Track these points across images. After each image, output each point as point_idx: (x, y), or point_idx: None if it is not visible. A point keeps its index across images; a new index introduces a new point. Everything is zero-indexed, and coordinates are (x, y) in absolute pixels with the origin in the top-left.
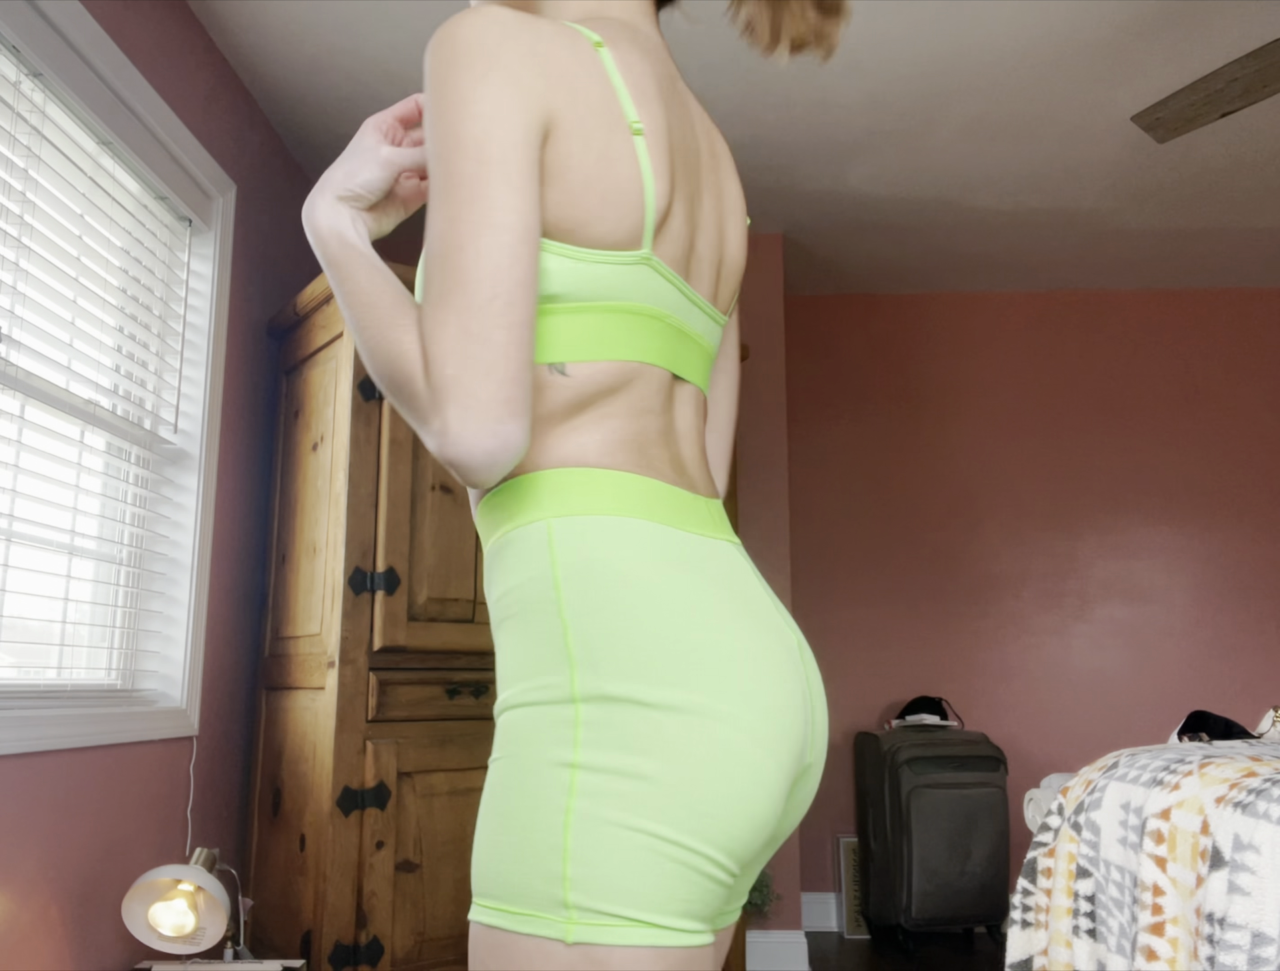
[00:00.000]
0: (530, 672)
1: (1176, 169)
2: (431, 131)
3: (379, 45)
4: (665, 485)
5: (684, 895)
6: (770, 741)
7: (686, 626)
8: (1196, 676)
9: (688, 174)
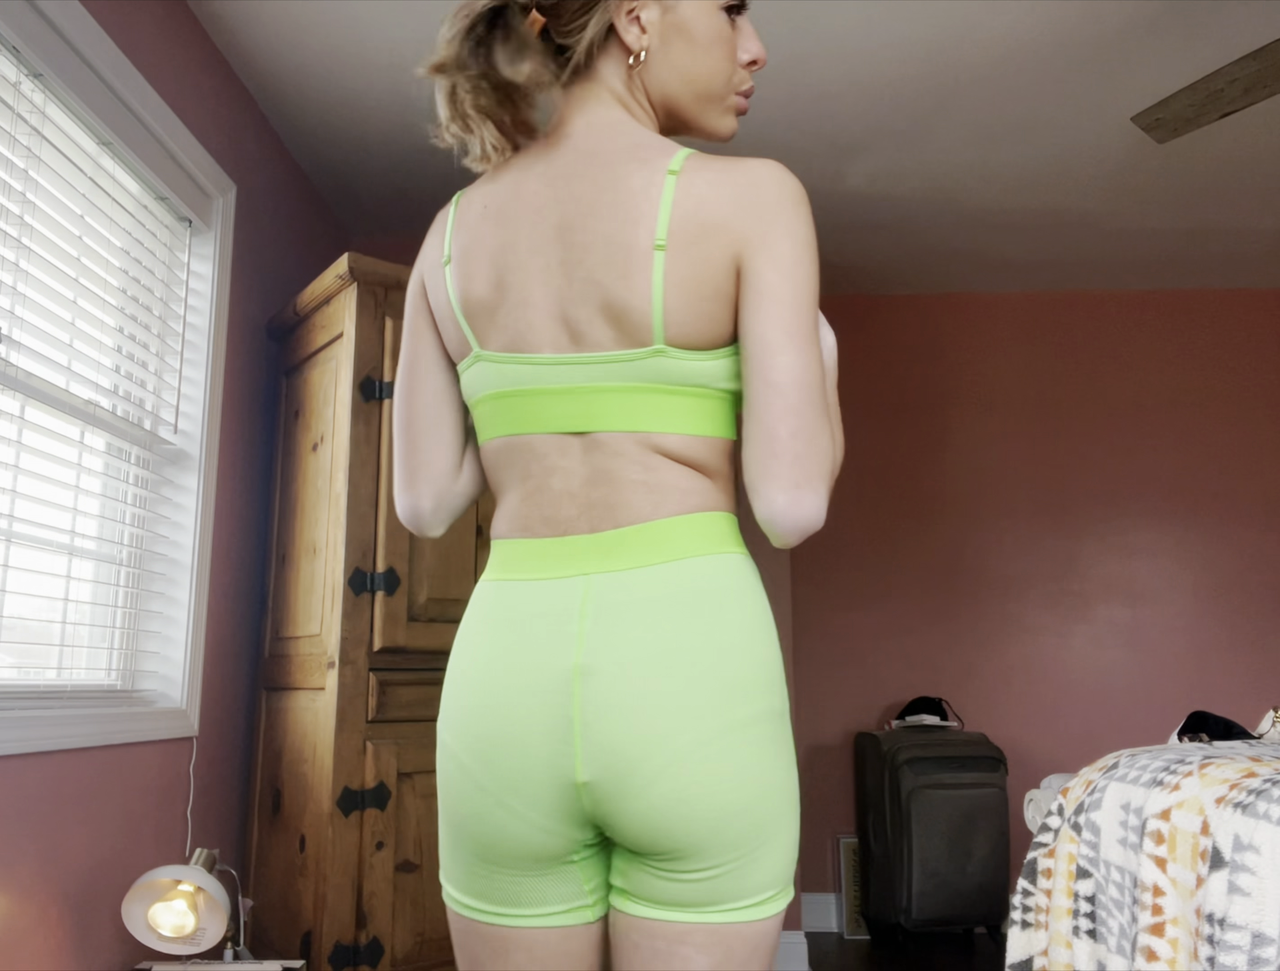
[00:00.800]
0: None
1: (1176, 169)
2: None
3: (379, 45)
4: (525, 541)
5: (461, 879)
6: (475, 767)
7: (450, 672)
8: (1196, 676)
9: (518, 261)
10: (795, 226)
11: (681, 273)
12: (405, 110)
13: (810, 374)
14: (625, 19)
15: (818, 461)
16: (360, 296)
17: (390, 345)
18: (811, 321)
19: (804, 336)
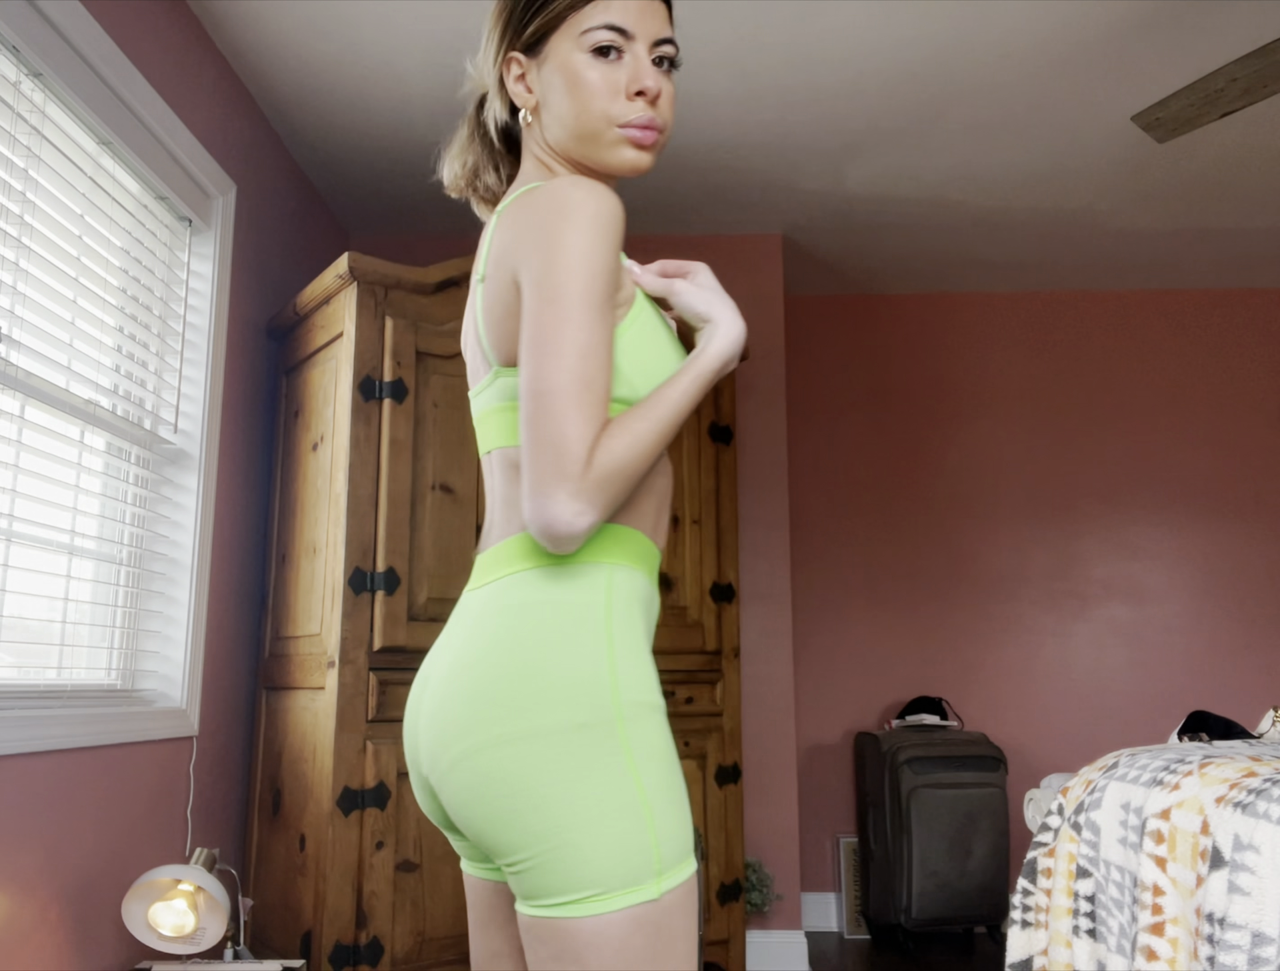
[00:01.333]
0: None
1: (1176, 169)
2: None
3: (380, 45)
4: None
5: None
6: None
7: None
8: (1196, 676)
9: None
10: (553, 237)
11: (490, 300)
12: (405, 110)
13: (547, 383)
14: (514, 83)
15: (551, 468)
16: (360, 296)
17: (390, 345)
18: (557, 329)
19: (544, 346)
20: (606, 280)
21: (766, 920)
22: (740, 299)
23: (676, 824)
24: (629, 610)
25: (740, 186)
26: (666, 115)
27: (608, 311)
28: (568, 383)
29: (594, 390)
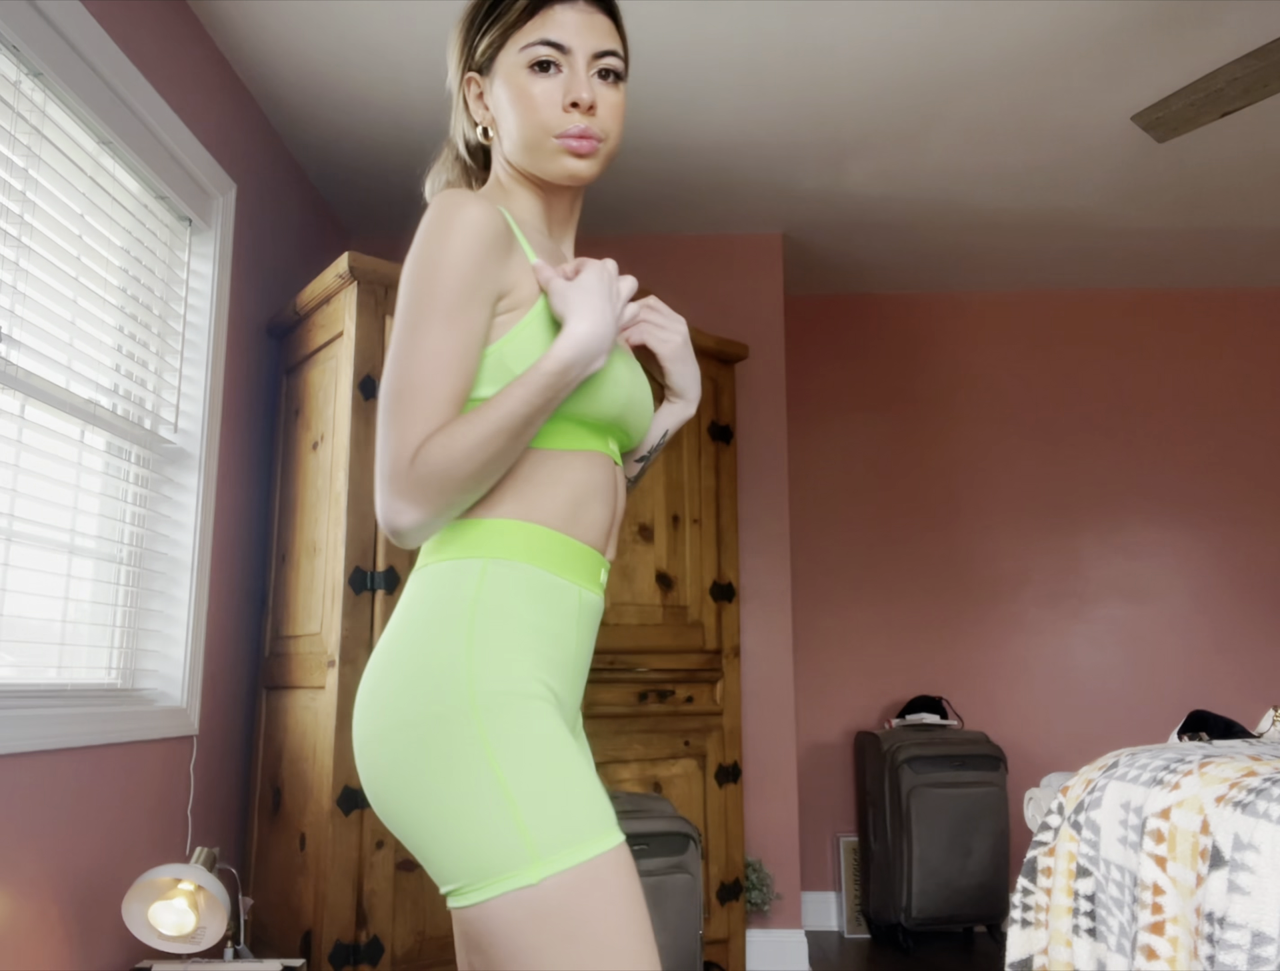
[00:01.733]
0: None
1: (1176, 169)
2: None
3: (380, 45)
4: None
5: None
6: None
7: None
8: (1196, 676)
9: None
10: (413, 250)
11: None
12: (405, 110)
13: (386, 388)
14: (474, 102)
15: (381, 469)
16: (360, 296)
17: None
18: (400, 336)
19: (390, 353)
20: (459, 287)
21: (766, 919)
22: (740, 299)
23: (556, 808)
24: (504, 602)
25: (740, 186)
26: (607, 125)
27: (462, 316)
28: (401, 388)
29: (429, 392)
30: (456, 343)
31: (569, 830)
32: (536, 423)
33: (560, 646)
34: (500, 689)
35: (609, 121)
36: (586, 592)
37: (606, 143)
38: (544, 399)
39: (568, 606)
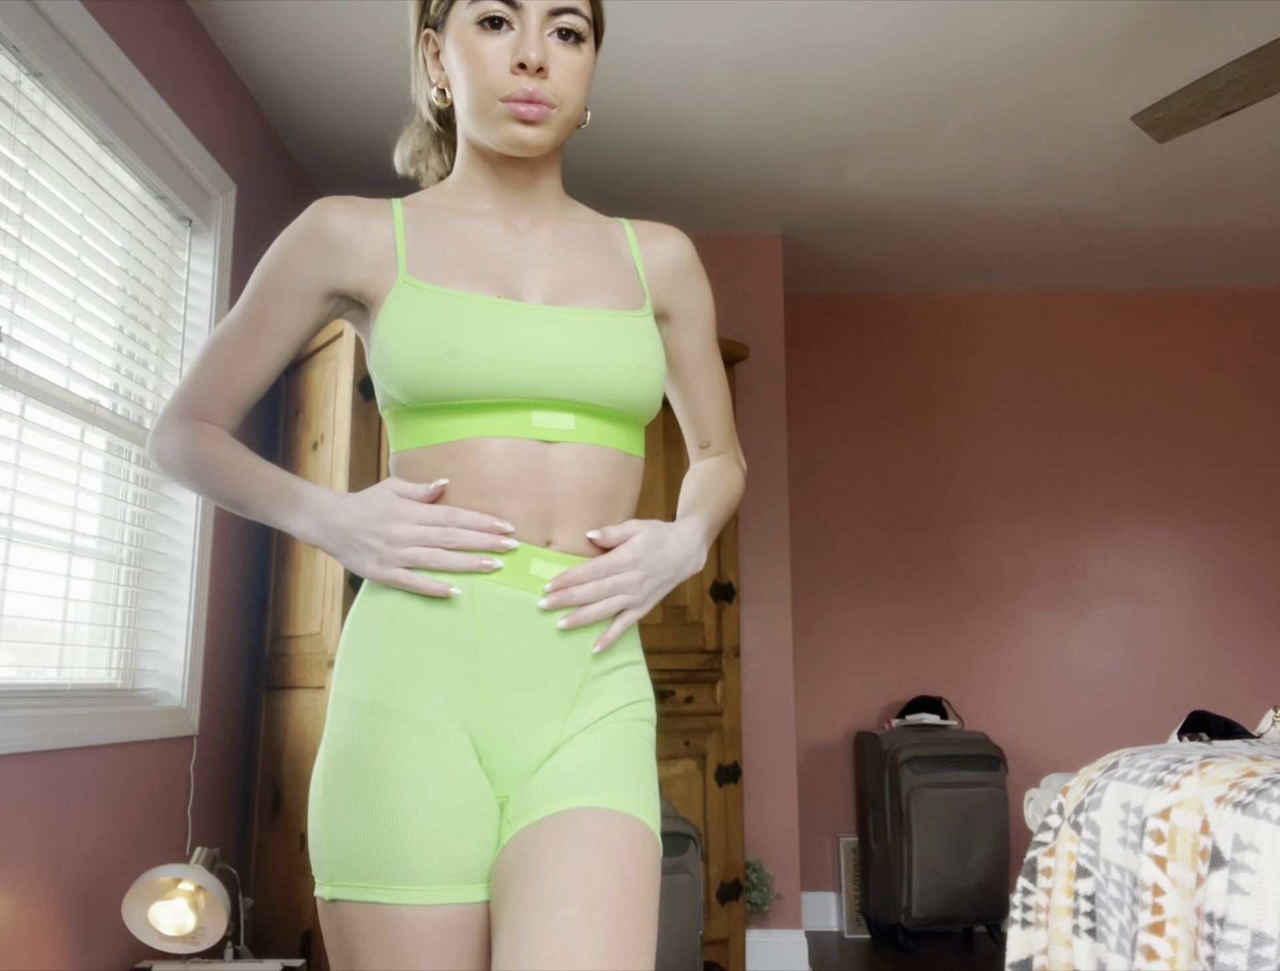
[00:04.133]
0: (654, 705)
1: (1176, 169)
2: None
3: (379, 45)
4: None
5: None
6: None
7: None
8: (1196, 676)
9: None
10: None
11: None
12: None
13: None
14: (431, 61)
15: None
16: None
17: None
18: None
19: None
20: (275, 275)
21: (766, 919)
22: (740, 299)
23: (348, 835)
24: (384, 600)
25: (740, 186)
26: (563, 89)
27: (265, 301)
28: (199, 353)
29: (211, 359)
30: (243, 328)
31: (353, 864)
32: (245, 511)
33: (444, 644)
34: (340, 692)
35: (565, 85)
36: (493, 587)
37: (561, 109)
38: (253, 501)
39: (458, 601)
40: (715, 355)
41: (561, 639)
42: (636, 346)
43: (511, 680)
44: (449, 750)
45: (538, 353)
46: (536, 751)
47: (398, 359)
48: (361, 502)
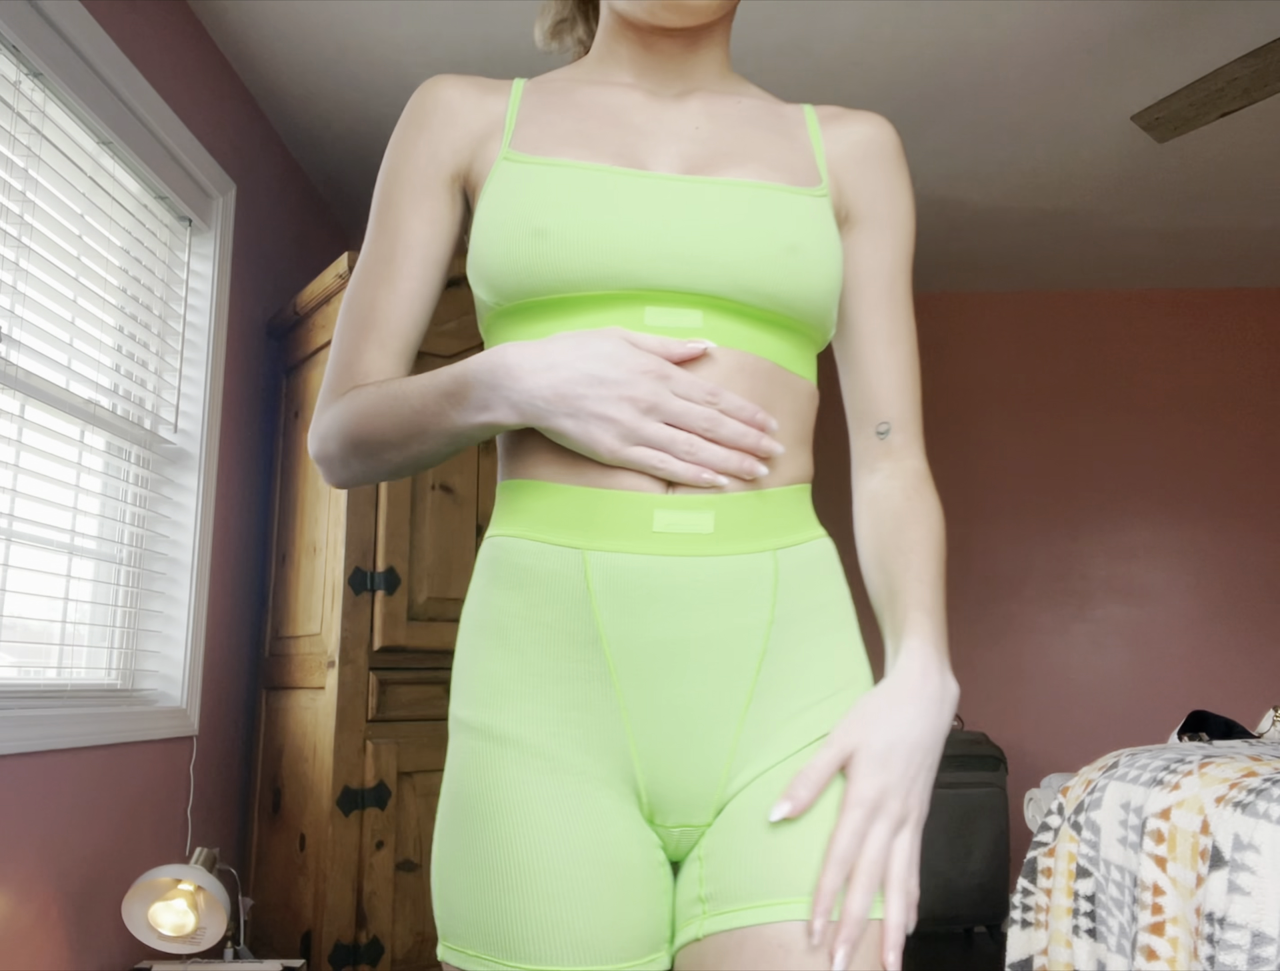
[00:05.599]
0: (870, 678)
1: (1176, 169)
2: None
3: (380, 45)
4: None
5: None
6: None
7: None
8: (1196, 676)
9: None
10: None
11: None
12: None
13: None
14: None
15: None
16: None
17: None
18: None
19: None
20: (393, 179)
21: None
22: None
23: (457, 890)
24: (486, 595)
25: None
26: None
27: (391, 215)
28: (342, 308)
29: (349, 314)
30: (382, 247)
31: (450, 921)
32: (430, 441)
33: (554, 651)
34: (453, 712)
35: None
36: (606, 556)
37: None
38: (429, 420)
39: (561, 585)
40: (906, 289)
41: (714, 612)
42: (792, 225)
43: (654, 679)
44: (578, 787)
45: (651, 230)
46: (710, 766)
47: (481, 247)
48: (587, 352)
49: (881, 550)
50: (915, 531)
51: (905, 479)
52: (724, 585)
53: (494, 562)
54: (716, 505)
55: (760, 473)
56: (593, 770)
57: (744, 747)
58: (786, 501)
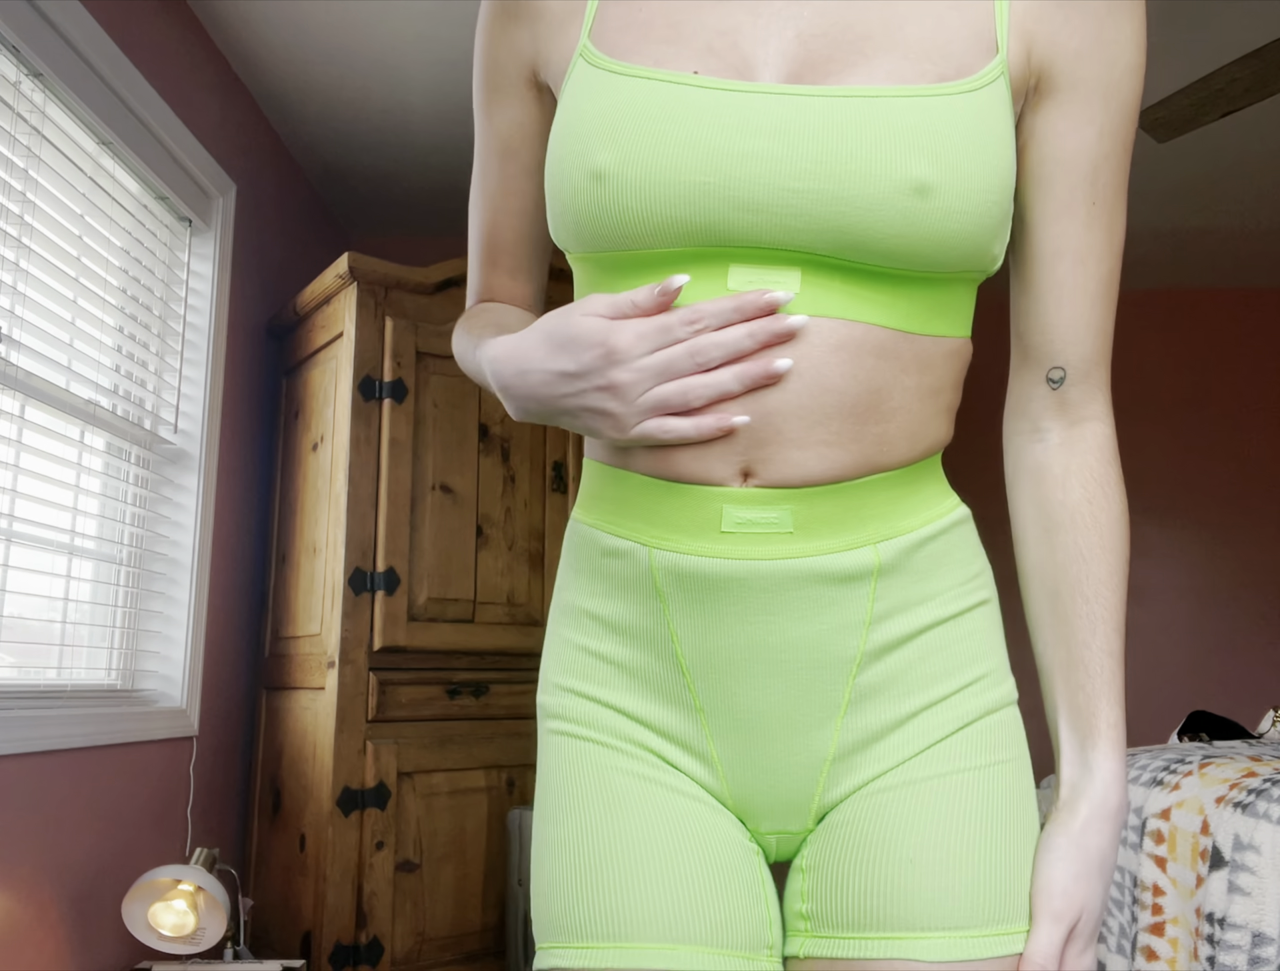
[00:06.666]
0: (1006, 666)
1: (1176, 169)
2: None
3: (379, 45)
4: None
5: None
6: None
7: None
8: (1196, 676)
9: None
10: None
11: None
12: (404, 111)
13: None
14: None
15: None
16: (360, 296)
17: (390, 345)
18: None
19: None
20: (478, 81)
21: None
22: None
23: (540, 885)
24: (566, 578)
25: None
26: None
27: (482, 120)
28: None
29: (470, 228)
30: (480, 168)
31: (540, 922)
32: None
33: (630, 642)
34: (538, 700)
35: None
36: (671, 556)
37: None
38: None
39: (631, 580)
40: (1115, 185)
41: (798, 617)
42: (925, 153)
43: (731, 685)
44: (665, 778)
45: (730, 169)
46: (803, 774)
47: (547, 185)
48: (550, 347)
49: (1057, 579)
50: (1103, 560)
51: (1085, 456)
52: (809, 588)
53: (573, 548)
54: (796, 499)
55: (780, 367)
56: (678, 761)
57: (844, 755)
58: (900, 482)
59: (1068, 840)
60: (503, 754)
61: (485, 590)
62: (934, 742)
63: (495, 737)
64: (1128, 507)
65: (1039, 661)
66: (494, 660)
